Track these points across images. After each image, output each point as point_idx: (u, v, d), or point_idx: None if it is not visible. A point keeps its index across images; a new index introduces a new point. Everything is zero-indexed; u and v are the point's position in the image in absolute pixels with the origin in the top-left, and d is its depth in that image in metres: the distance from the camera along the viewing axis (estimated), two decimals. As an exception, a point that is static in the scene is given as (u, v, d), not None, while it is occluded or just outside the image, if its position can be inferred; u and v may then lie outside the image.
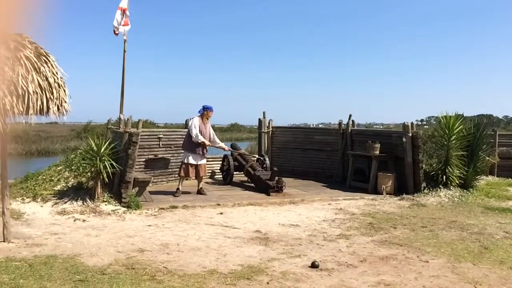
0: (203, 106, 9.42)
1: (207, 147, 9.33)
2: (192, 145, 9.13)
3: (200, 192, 9.38)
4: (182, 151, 9.68)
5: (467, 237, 6.46)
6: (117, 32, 9.90)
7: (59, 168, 8.73)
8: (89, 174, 7.97)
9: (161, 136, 10.47)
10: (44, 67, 5.20)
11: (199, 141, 9.07)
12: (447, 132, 9.98)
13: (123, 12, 9.90)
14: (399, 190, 9.85)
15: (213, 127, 9.77)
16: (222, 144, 9.92)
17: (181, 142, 10.05)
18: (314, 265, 4.99)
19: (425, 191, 9.65)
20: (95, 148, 7.84)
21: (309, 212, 8.03)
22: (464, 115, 10.91)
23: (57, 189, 8.01)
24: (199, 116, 9.31)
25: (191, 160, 9.15)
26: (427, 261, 5.30)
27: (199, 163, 9.23)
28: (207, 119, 9.38)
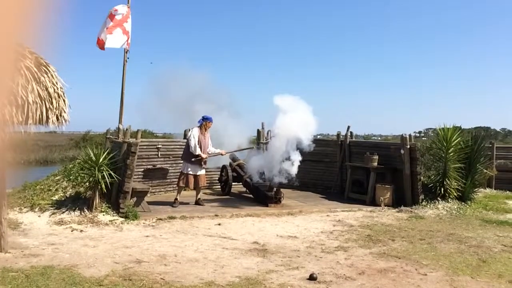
0: (202, 117, 9.42)
1: (205, 159, 9.30)
2: (191, 156, 9.13)
3: (198, 202, 9.36)
4: (181, 161, 9.67)
5: (465, 250, 6.45)
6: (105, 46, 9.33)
7: (57, 178, 8.73)
8: (87, 184, 7.96)
9: (159, 146, 10.47)
10: (44, 77, 5.23)
11: (195, 153, 9.05)
12: (445, 144, 10.00)
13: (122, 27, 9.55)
14: (397, 202, 9.84)
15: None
16: (217, 150, 9.70)
17: (180, 152, 10.05)
18: (312, 278, 4.97)
19: (423, 203, 9.65)
20: (93, 158, 7.84)
21: (307, 224, 8.02)
22: (462, 127, 10.93)
23: (55, 199, 7.99)
24: (198, 127, 9.31)
25: (190, 170, 9.15)
26: (426, 274, 5.28)
27: (198, 173, 9.22)
28: (206, 130, 9.37)
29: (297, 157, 9.39)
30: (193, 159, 9.12)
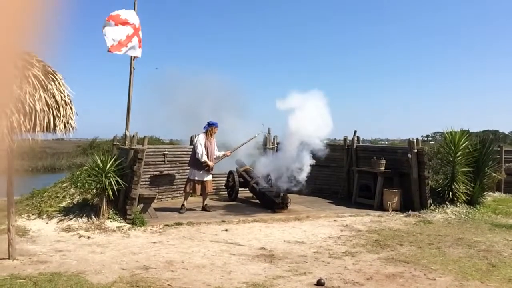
0: (208, 123, 9.42)
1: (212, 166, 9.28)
2: (198, 162, 9.13)
3: (205, 208, 9.36)
4: (188, 168, 9.68)
5: (474, 254, 6.39)
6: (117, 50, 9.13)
7: (64, 185, 8.77)
8: (94, 190, 8.00)
9: (166, 152, 10.49)
10: (52, 85, 5.27)
11: (202, 160, 9.06)
12: (452, 148, 9.94)
13: (136, 31, 9.55)
14: (405, 206, 9.78)
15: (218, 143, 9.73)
16: (221, 153, 9.68)
17: (186, 158, 10.05)
18: (319, 283, 4.94)
19: (432, 207, 9.58)
20: (100, 164, 7.88)
21: (315, 229, 7.98)
22: (470, 131, 10.88)
23: (62, 205, 8.02)
24: (204, 133, 9.31)
25: (197, 176, 9.15)
26: (434, 279, 5.24)
27: (205, 179, 9.22)
28: (212, 135, 9.36)
29: (307, 163, 9.32)
30: (201, 171, 9.12)
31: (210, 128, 9.34)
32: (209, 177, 9.34)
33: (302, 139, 9.23)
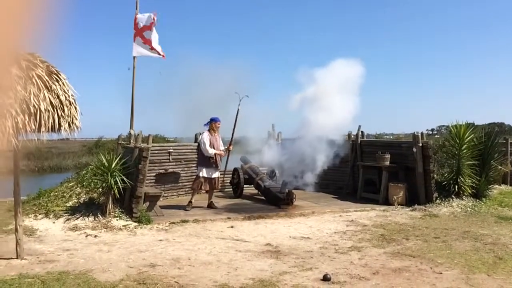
0: (210, 119, 9.44)
1: (219, 158, 9.26)
2: (205, 160, 9.14)
3: (210, 205, 9.38)
4: (194, 166, 9.68)
5: (481, 247, 6.37)
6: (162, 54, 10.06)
7: (70, 184, 8.82)
8: (100, 189, 8.04)
9: (171, 150, 10.51)
10: (56, 85, 5.29)
11: (211, 154, 9.06)
12: (457, 141, 9.90)
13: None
14: (411, 200, 9.76)
15: (223, 140, 9.70)
16: (224, 148, 9.50)
17: (191, 156, 10.06)
18: (326, 278, 4.95)
19: (437, 201, 9.55)
20: (106, 163, 7.90)
21: (320, 224, 7.99)
22: (475, 124, 10.82)
23: (69, 205, 8.07)
24: (207, 130, 9.31)
25: (205, 173, 9.16)
26: (441, 273, 5.23)
27: (213, 176, 9.23)
28: (215, 130, 9.34)
29: (323, 161, 9.24)
30: (209, 169, 9.11)
31: (211, 124, 9.34)
32: (217, 174, 9.35)
33: (321, 133, 9.07)
